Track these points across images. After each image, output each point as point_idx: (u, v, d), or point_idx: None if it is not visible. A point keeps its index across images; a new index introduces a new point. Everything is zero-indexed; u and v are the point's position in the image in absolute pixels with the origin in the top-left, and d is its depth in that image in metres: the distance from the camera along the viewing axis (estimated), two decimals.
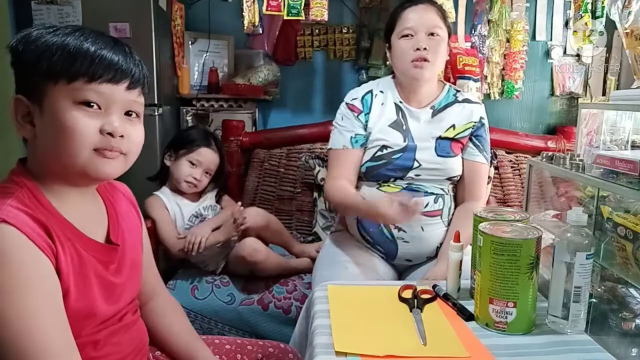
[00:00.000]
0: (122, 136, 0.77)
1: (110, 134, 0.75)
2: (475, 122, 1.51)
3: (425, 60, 1.42)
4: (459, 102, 1.52)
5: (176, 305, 1.06)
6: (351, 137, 1.51)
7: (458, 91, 1.56)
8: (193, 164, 1.73)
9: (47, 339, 0.69)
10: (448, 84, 1.59)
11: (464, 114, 1.51)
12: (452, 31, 1.57)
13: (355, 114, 1.52)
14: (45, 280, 0.70)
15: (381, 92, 1.54)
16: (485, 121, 1.54)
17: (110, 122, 0.75)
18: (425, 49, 1.42)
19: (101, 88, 0.74)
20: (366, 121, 1.52)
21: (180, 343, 1.00)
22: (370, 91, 1.55)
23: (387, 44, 1.54)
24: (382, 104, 1.52)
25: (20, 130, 0.77)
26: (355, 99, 1.54)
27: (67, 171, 0.76)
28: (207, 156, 1.74)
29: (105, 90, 0.75)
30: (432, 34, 1.44)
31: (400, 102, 1.52)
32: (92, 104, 0.74)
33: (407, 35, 1.45)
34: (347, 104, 1.55)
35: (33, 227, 0.70)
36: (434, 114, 1.51)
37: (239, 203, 1.78)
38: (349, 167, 1.51)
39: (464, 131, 1.50)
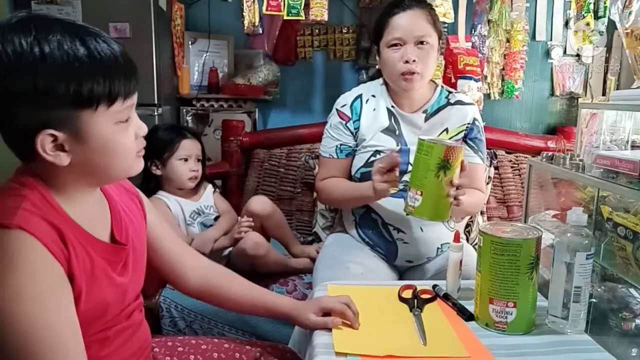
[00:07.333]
0: None
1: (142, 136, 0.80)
2: (469, 124, 1.50)
3: (415, 73, 1.40)
4: (451, 104, 1.50)
5: (218, 267, 1.08)
6: (336, 147, 1.51)
7: (450, 92, 1.54)
8: (186, 159, 1.74)
9: (62, 347, 0.69)
10: (440, 84, 1.57)
11: (457, 116, 1.49)
12: (443, 33, 1.54)
13: (344, 122, 1.51)
14: (58, 288, 0.71)
15: (373, 96, 1.53)
16: (479, 122, 1.52)
17: (140, 126, 0.80)
18: (414, 60, 1.39)
19: (130, 100, 0.77)
20: (356, 128, 1.51)
21: (252, 297, 1.05)
22: (360, 96, 1.53)
23: (377, 47, 1.50)
24: (374, 109, 1.51)
25: (54, 161, 0.71)
26: (345, 105, 1.53)
27: (107, 180, 0.80)
28: (190, 146, 1.77)
29: (132, 101, 0.77)
30: (421, 42, 1.40)
31: (393, 106, 1.50)
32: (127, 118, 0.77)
33: (395, 45, 1.41)
34: (337, 110, 1.54)
35: (47, 232, 0.70)
36: (426, 118, 1.49)
37: (239, 220, 1.81)
38: (336, 174, 1.53)
39: (457, 134, 1.49)
